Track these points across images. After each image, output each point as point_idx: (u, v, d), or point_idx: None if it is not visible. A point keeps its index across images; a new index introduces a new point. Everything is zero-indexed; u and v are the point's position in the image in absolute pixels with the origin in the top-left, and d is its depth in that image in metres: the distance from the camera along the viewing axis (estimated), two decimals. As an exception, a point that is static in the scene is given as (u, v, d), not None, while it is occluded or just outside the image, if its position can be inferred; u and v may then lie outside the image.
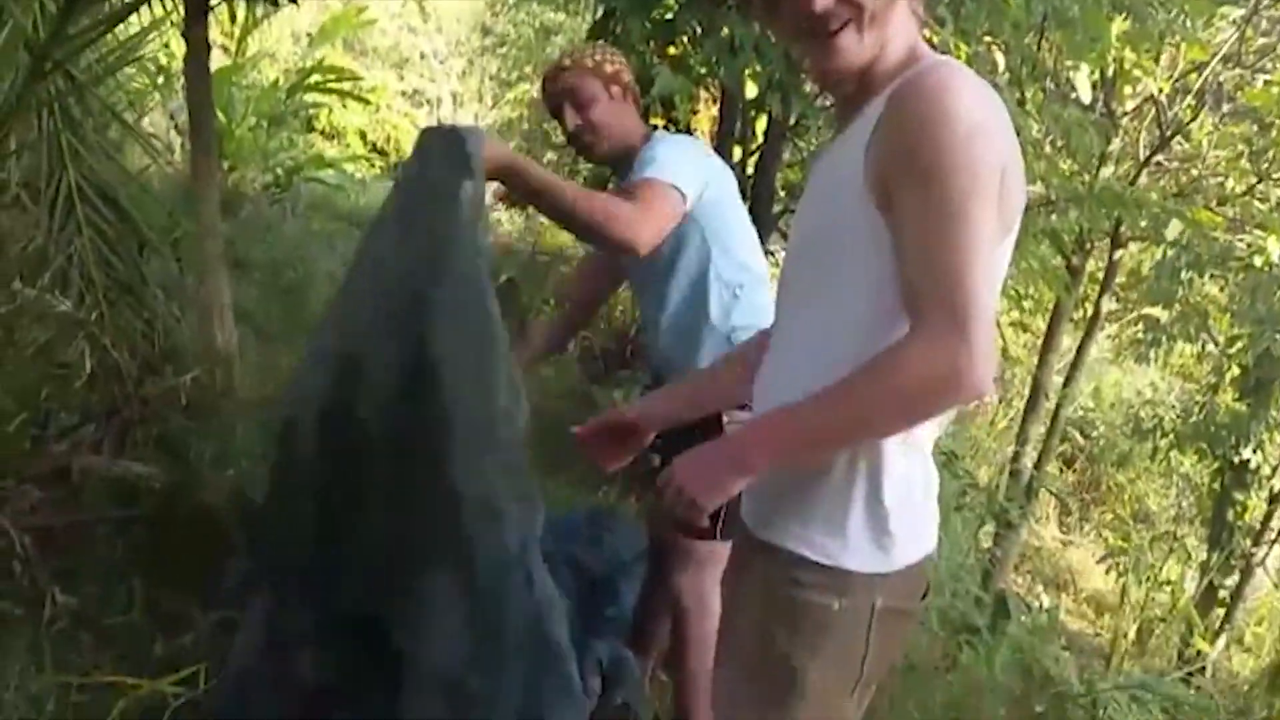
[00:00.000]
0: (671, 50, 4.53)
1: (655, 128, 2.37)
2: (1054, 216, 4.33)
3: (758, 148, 4.69)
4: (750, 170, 4.59)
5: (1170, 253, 6.75)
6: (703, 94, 5.22)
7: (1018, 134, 1.32)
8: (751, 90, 4.26)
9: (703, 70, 4.36)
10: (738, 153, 4.64)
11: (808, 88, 4.04)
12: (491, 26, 12.26)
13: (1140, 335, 9.02)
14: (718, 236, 2.22)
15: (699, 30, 4.19)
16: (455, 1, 14.20)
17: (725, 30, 3.76)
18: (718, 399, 1.81)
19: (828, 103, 4.05)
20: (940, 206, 1.18)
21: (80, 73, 2.90)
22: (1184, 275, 7.38)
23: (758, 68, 3.84)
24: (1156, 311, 8.58)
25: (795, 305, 1.44)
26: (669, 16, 4.32)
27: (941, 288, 1.17)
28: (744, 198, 3.38)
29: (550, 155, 9.56)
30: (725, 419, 2.08)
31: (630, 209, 1.91)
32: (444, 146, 1.64)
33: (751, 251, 2.31)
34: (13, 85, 2.08)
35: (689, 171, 2.09)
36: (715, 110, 5.19)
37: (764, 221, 4.35)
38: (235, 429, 3.94)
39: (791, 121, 4.45)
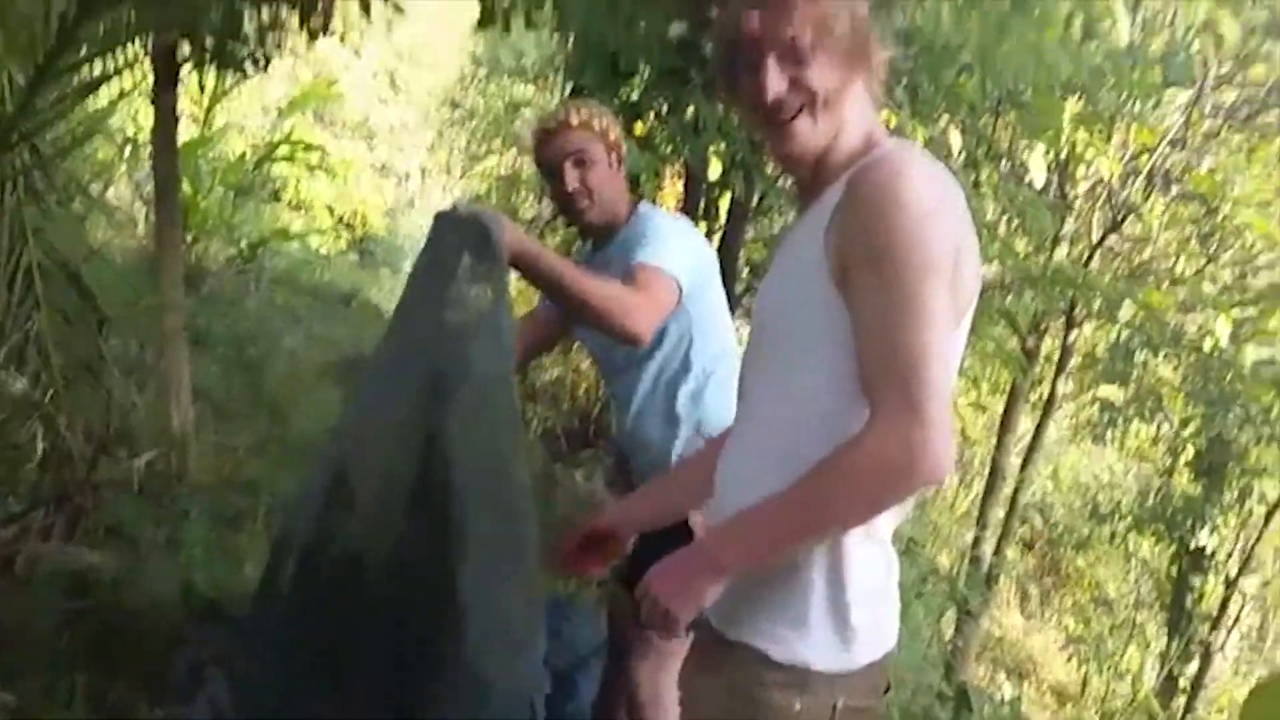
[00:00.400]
0: (638, 127, 4.62)
1: (640, 199, 2.32)
2: (1010, 298, 4.40)
3: (721, 226, 4.77)
4: (714, 248, 4.65)
5: (1124, 334, 6.88)
6: (668, 170, 5.31)
7: (973, 215, 1.36)
8: (716, 169, 4.34)
9: (668, 148, 4.45)
10: (702, 229, 4.71)
11: (770, 168, 4.12)
12: (460, 100, 12.38)
13: (1096, 416, 9.13)
14: (699, 324, 2.21)
15: (665, 109, 4.28)
16: (426, 74, 14.39)
17: (690, 110, 3.84)
18: (691, 499, 1.78)
19: (789, 183, 4.13)
20: (895, 291, 1.20)
21: (46, 145, 2.88)
22: (1138, 356, 7.52)
23: (722, 146, 3.92)
24: (1111, 392, 8.70)
25: (758, 384, 1.45)
26: (635, 95, 4.41)
27: (897, 372, 1.19)
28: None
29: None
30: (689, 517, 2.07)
31: (638, 300, 1.89)
32: (465, 235, 1.56)
33: (726, 335, 2.31)
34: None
35: (686, 262, 2.07)
36: (680, 187, 5.28)
37: (728, 300, 4.40)
38: (188, 513, 3.86)
39: (755, 201, 4.54)
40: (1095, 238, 6.25)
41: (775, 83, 1.30)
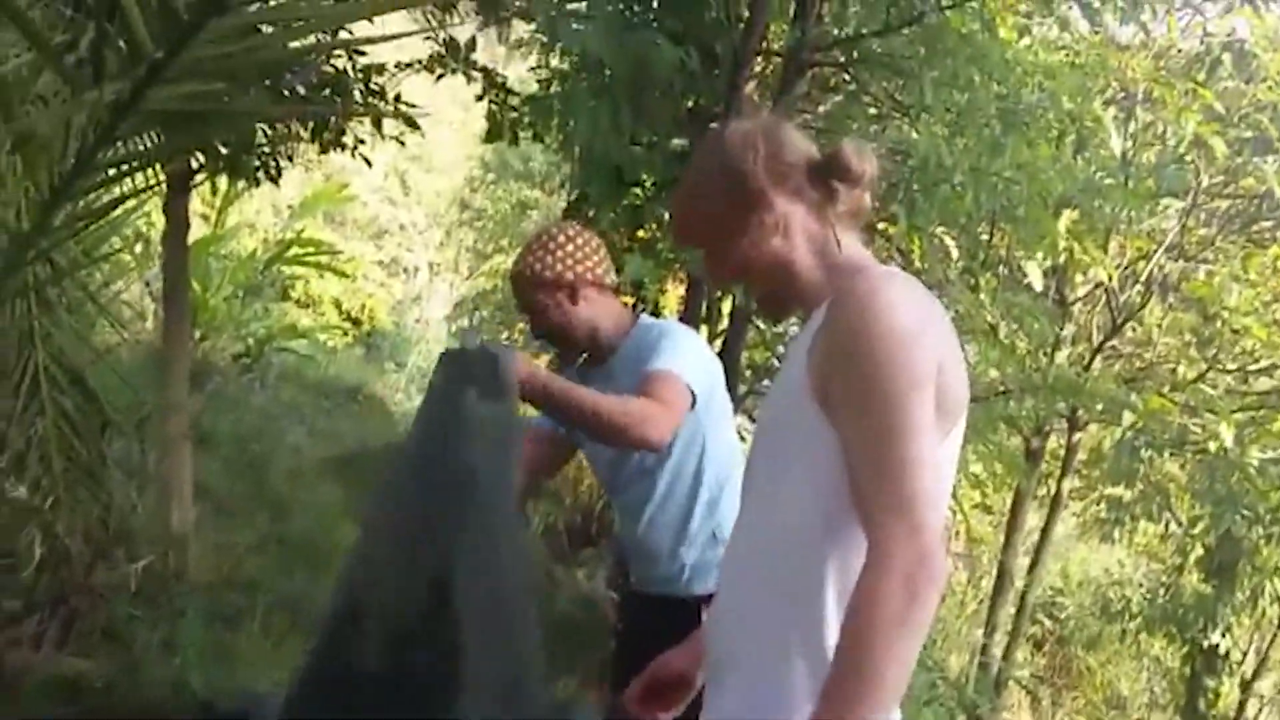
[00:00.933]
0: (641, 234, 4.72)
1: (639, 314, 2.34)
2: (1011, 403, 4.44)
3: (723, 330, 4.83)
4: (717, 350, 4.70)
5: (1129, 433, 6.88)
6: (672, 275, 5.40)
7: (972, 321, 1.40)
8: (718, 274, 4.42)
9: (669, 255, 4.54)
10: (704, 332, 4.77)
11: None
12: (470, 201, 12.67)
13: (1103, 514, 9.06)
14: (710, 430, 2.22)
15: (667, 216, 4.37)
16: (436, 178, 14.71)
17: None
18: None
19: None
20: (880, 413, 1.23)
21: (61, 258, 2.95)
22: (1144, 454, 7.49)
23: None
24: (1119, 490, 8.64)
25: (755, 491, 1.48)
26: (638, 204, 4.52)
27: (890, 494, 1.21)
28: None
29: (522, 325, 9.72)
30: (704, 611, 2.07)
31: (654, 409, 1.91)
32: (473, 371, 1.56)
33: (733, 441, 2.32)
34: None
35: (697, 368, 2.09)
36: (683, 290, 5.36)
37: (731, 401, 4.44)
38: (185, 613, 3.84)
39: (754, 304, 4.60)
40: (1095, 341, 6.31)
41: (710, 268, 1.53)
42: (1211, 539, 8.25)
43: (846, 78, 3.80)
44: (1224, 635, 8.43)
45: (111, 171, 1.97)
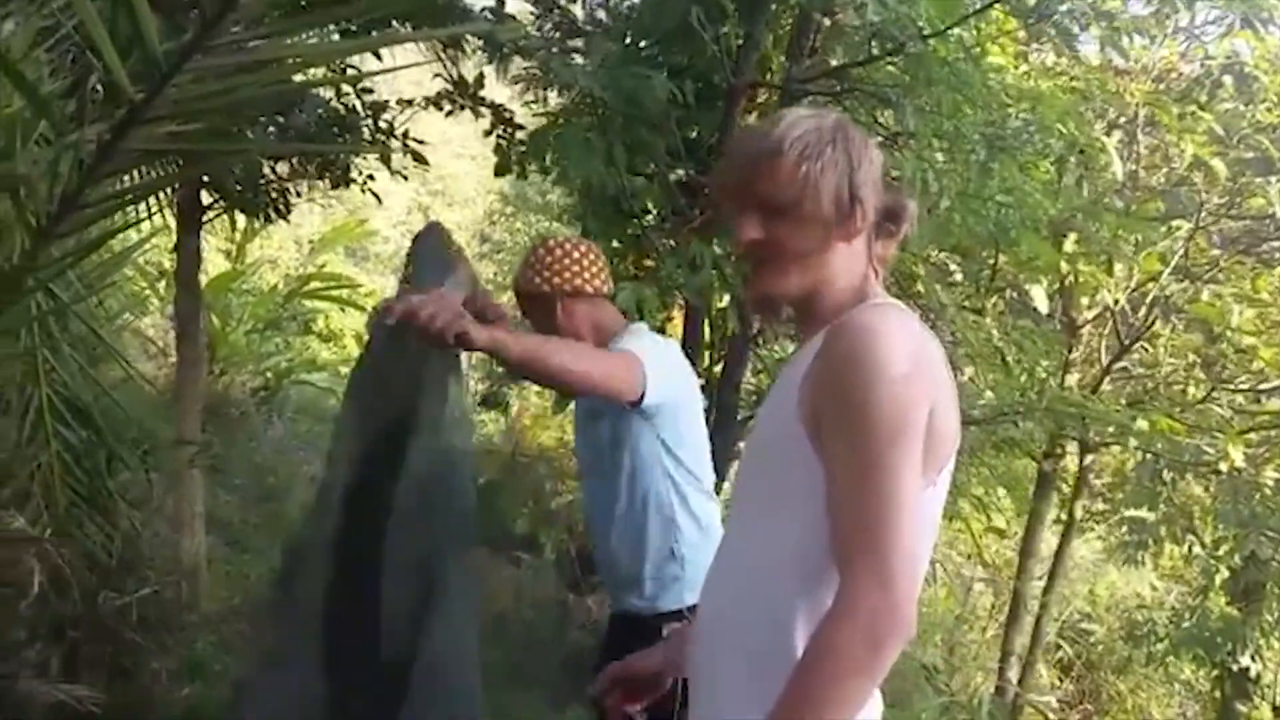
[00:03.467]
0: (647, 262, 4.78)
1: (629, 321, 2.43)
2: (1009, 427, 4.44)
3: (724, 355, 4.86)
4: (719, 377, 4.74)
5: (1149, 455, 6.80)
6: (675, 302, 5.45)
7: (977, 345, 1.41)
8: (719, 302, 4.47)
9: (670, 283, 4.59)
10: (706, 358, 4.82)
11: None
12: (489, 234, 12.81)
13: (1126, 537, 8.94)
14: (673, 443, 2.25)
15: (671, 245, 4.43)
16: (457, 210, 14.90)
17: (690, 248, 3.98)
18: None
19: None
20: (865, 455, 1.23)
21: (64, 289, 3.02)
22: (1165, 476, 7.40)
23: (717, 282, 4.04)
24: (1142, 513, 8.54)
25: (743, 512, 1.49)
26: (638, 234, 4.59)
27: (865, 539, 1.21)
28: (709, 402, 3.50)
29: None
30: (664, 629, 2.11)
31: (610, 361, 2.04)
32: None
33: (700, 462, 2.34)
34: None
35: (660, 371, 2.13)
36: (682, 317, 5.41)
37: (728, 426, 4.48)
38: (195, 643, 3.90)
39: (753, 332, 4.65)
40: (1105, 363, 6.28)
41: (749, 231, 1.39)
42: (1237, 561, 8.14)
43: (841, 107, 3.85)
44: (1254, 659, 8.27)
45: (101, 207, 2.04)
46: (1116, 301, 5.73)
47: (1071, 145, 4.45)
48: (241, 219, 6.55)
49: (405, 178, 4.98)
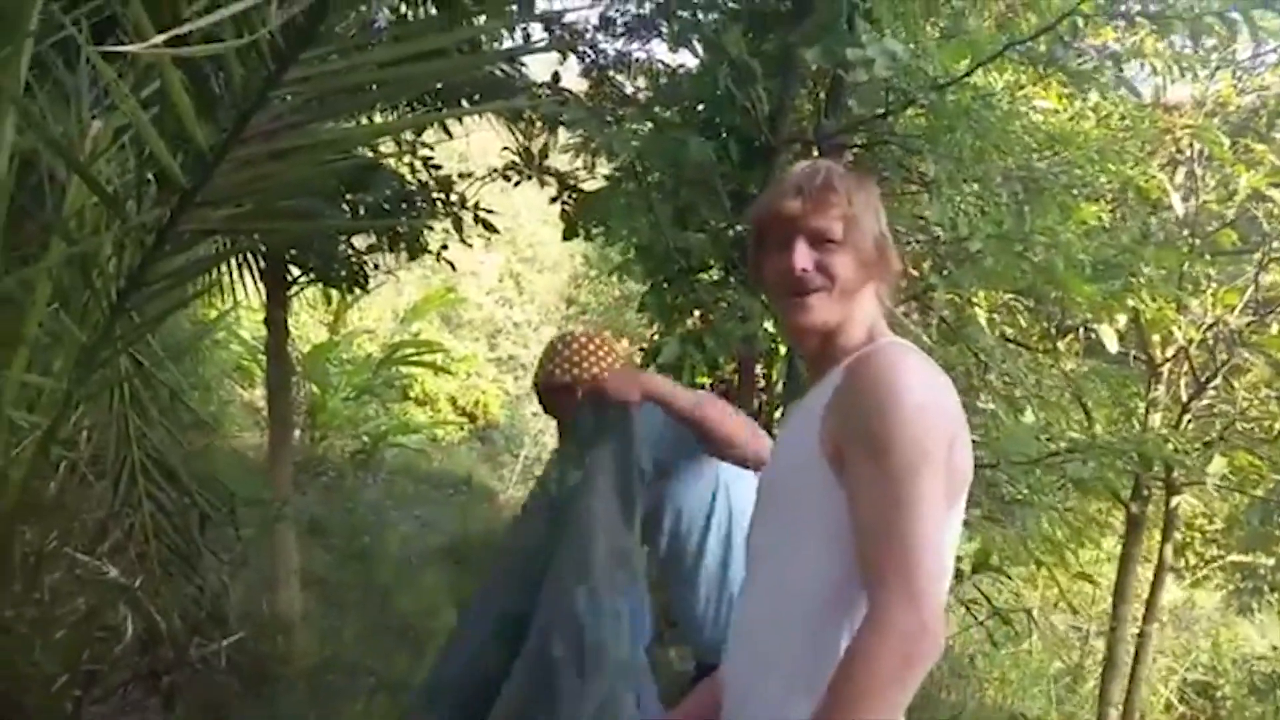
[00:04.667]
0: (710, 318, 4.93)
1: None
2: (1088, 464, 4.38)
3: (779, 396, 4.96)
4: (773, 417, 4.84)
5: (1258, 497, 6.53)
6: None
7: (1027, 387, 1.50)
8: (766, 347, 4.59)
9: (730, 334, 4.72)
10: (756, 403, 4.92)
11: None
12: (575, 297, 13.16)
13: (1240, 584, 8.56)
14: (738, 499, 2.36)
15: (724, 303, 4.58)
16: (546, 276, 15.32)
17: (736, 300, 4.13)
18: None
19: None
20: (891, 482, 1.28)
21: (146, 356, 3.31)
22: (1277, 518, 7.07)
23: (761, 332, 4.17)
24: (1252, 558, 8.19)
25: (762, 547, 1.55)
26: (693, 289, 4.74)
27: (895, 561, 1.25)
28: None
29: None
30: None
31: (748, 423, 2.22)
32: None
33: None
34: (74, 369, 2.43)
35: None
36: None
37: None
38: (287, 696, 4.11)
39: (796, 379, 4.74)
40: (1185, 400, 6.14)
41: (803, 259, 1.45)
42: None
43: (872, 156, 3.98)
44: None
45: (165, 283, 2.29)
46: (1190, 339, 5.62)
47: (1125, 184, 4.45)
48: (334, 293, 6.95)
49: (475, 245, 5.24)
